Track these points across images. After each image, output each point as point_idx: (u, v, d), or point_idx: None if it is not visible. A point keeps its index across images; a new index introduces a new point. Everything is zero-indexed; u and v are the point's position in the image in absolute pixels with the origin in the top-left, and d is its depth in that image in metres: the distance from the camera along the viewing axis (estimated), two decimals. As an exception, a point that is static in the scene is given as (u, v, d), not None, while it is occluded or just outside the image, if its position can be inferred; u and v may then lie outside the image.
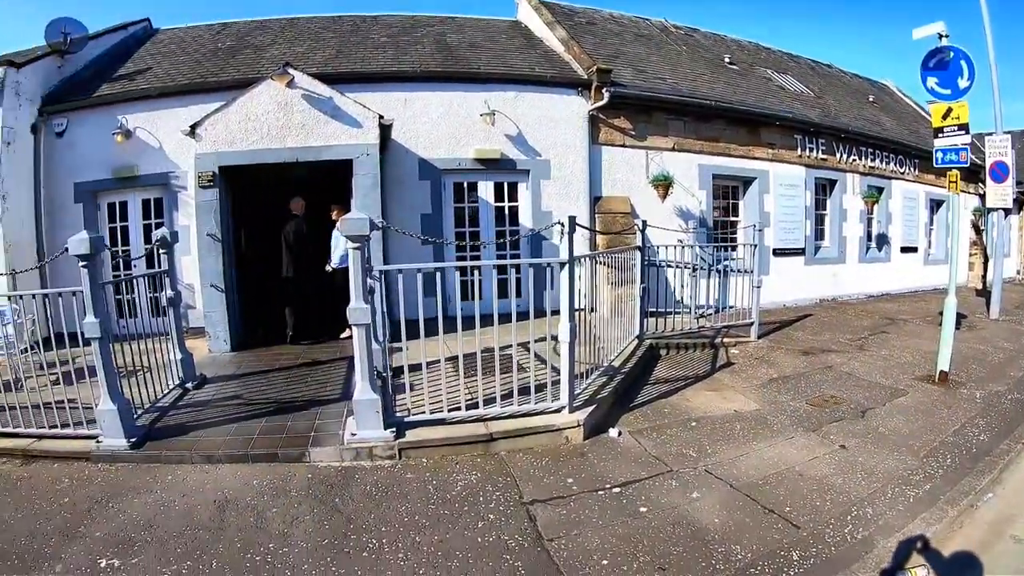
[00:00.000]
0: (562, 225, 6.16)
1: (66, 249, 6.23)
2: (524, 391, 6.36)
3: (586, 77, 12.85)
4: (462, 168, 12.36)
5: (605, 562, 4.16)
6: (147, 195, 12.53)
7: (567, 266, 6.16)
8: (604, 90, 12.51)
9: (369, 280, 5.80)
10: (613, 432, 6.41)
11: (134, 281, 7.83)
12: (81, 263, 6.15)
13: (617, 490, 5.18)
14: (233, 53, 14.09)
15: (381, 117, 9.94)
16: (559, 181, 12.72)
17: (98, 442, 6.43)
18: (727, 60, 18.86)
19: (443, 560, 4.20)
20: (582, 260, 7.51)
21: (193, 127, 9.96)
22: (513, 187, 12.81)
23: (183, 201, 12.06)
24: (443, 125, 12.20)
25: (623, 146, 13.26)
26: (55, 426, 6.73)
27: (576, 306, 6.46)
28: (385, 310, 6.10)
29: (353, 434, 5.95)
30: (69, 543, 4.92)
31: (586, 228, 11.52)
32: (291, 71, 9.89)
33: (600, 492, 5.15)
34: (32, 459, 6.60)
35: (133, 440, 6.35)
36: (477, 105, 12.14)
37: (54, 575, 4.49)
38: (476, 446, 5.96)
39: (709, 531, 4.51)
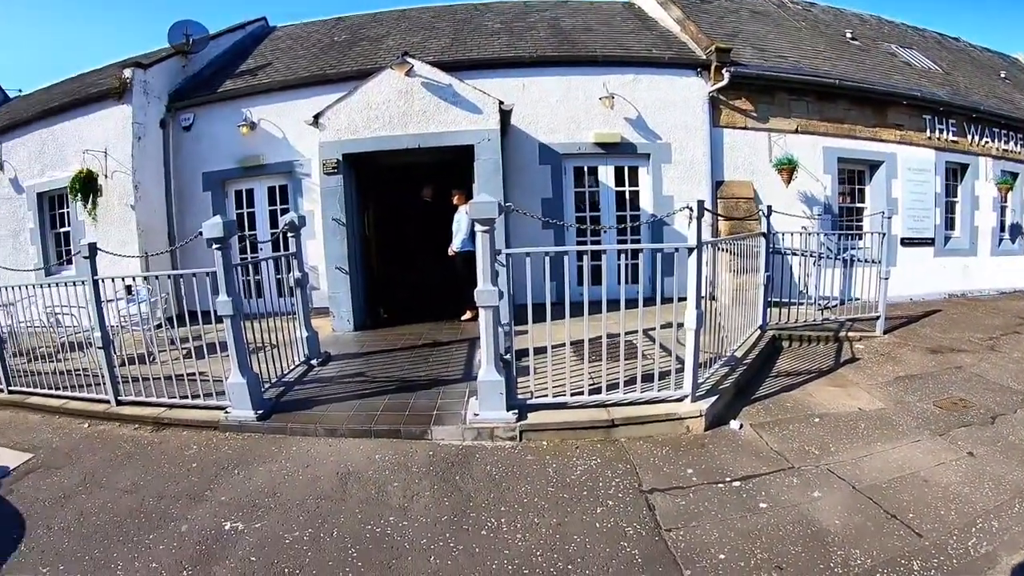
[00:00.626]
0: (690, 209, 6.00)
1: (200, 233, 6.47)
2: (646, 378, 6.25)
3: (705, 57, 12.43)
4: (582, 152, 12.21)
5: (722, 556, 4.05)
6: (272, 182, 13.14)
7: (695, 251, 5.97)
8: (724, 70, 12.08)
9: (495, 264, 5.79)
10: (734, 424, 6.23)
11: (262, 263, 8.10)
12: (215, 246, 6.45)
13: (737, 484, 5.02)
14: (350, 46, 14.38)
15: (501, 103, 9.95)
16: (680, 165, 12.38)
17: (226, 413, 6.83)
18: (849, 35, 17.94)
19: (560, 543, 4.18)
20: (708, 246, 7.30)
21: (317, 117, 10.31)
22: (633, 171, 12.53)
23: (307, 187, 12.55)
24: (562, 109, 12.09)
25: (745, 128, 12.78)
26: (185, 396, 7.22)
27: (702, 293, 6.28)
28: (512, 293, 6.05)
29: (476, 414, 6.00)
30: (195, 505, 5.22)
31: (714, 213, 11.33)
32: (410, 60, 10.04)
33: (720, 485, 5.00)
34: (163, 426, 7.13)
35: (260, 412, 6.67)
36: (595, 89, 11.97)
37: (179, 534, 4.77)
38: (596, 431, 5.89)
39: (829, 532, 4.32)
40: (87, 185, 13.09)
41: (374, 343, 9.63)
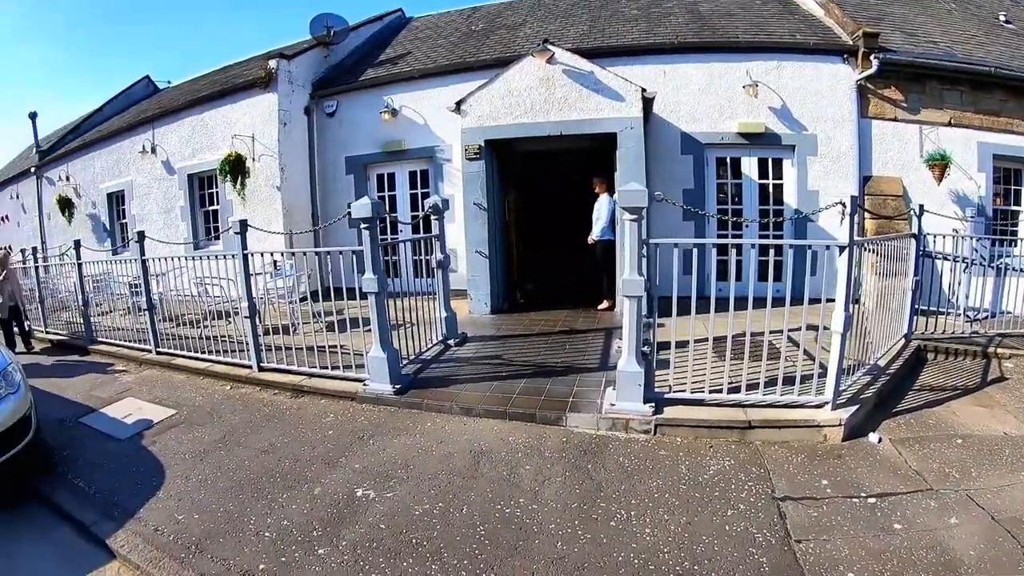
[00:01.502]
0: (843, 205, 5.75)
1: (349, 213, 6.68)
2: (785, 381, 5.96)
3: (851, 43, 11.72)
4: (725, 143, 11.81)
5: (851, 575, 3.84)
6: (413, 167, 13.53)
7: (847, 250, 5.70)
8: (872, 57, 11.32)
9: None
10: (873, 437, 5.84)
11: (402, 244, 8.34)
12: (363, 225, 6.72)
13: (872, 500, 4.71)
14: (487, 34, 14.51)
15: (643, 90, 9.79)
16: (826, 158, 11.73)
17: (365, 385, 7.11)
18: (1002, 18, 16.21)
19: (688, 542, 4.08)
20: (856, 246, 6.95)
21: (459, 103, 10.52)
22: (777, 163, 11.99)
23: (448, 172, 12.82)
24: (704, 98, 11.75)
25: (894, 120, 11.92)
26: (325, 367, 7.60)
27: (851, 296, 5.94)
28: (656, 284, 5.95)
29: (612, 404, 5.93)
30: (329, 470, 5.45)
31: (866, 211, 10.81)
32: (551, 47, 10.02)
33: (854, 500, 4.71)
34: (302, 394, 7.54)
35: (397, 387, 6.89)
36: (739, 76, 11.56)
37: (312, 496, 4.99)
38: (732, 432, 5.70)
39: (963, 563, 3.97)
40: (236, 167, 14.01)
41: (510, 327, 9.77)
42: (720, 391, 5.97)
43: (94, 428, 7.37)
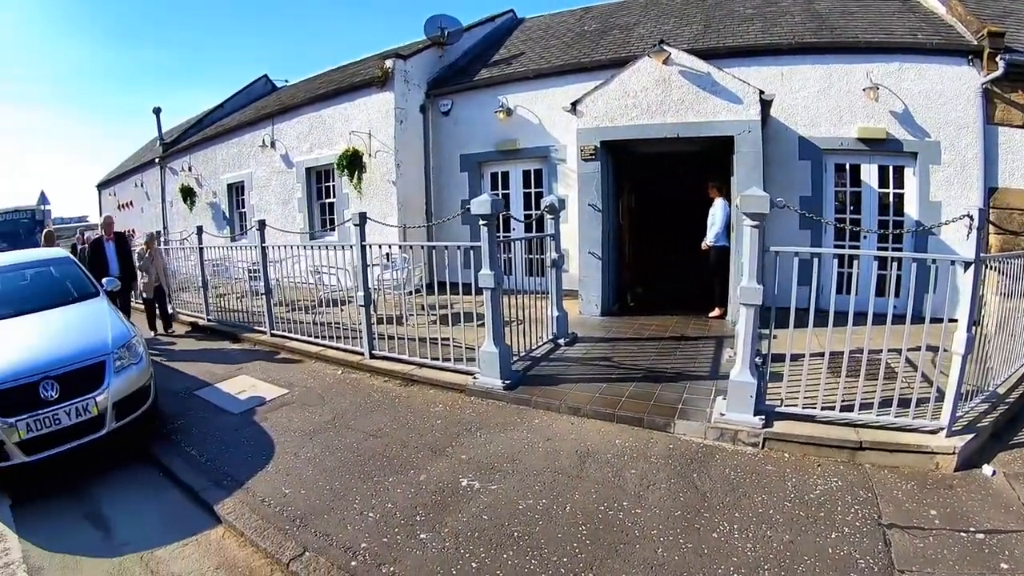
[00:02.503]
0: (970, 219, 5.46)
1: (468, 208, 6.81)
2: (899, 403, 5.59)
3: (975, 43, 10.74)
4: (844, 148, 11.14)
5: None
6: (527, 166, 13.56)
7: (972, 267, 5.40)
8: (998, 58, 10.32)
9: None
10: (987, 469, 5.36)
11: (515, 242, 8.41)
12: (482, 221, 6.81)
13: (981, 536, 4.37)
14: (601, 35, 14.43)
15: (761, 92, 9.52)
16: (950, 167, 10.86)
17: (474, 378, 7.19)
18: None
19: (789, 562, 3.92)
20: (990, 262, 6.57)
21: (575, 104, 10.46)
22: (898, 171, 11.20)
23: (562, 173, 12.77)
24: (822, 100, 11.18)
25: (1023, 127, 10.88)
26: (436, 359, 7.72)
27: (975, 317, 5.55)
28: (775, 293, 5.84)
29: (722, 414, 5.79)
30: (436, 458, 5.53)
31: (991, 224, 10.13)
32: (667, 48, 9.84)
33: (962, 534, 4.38)
34: (412, 383, 7.71)
35: (507, 382, 6.93)
36: (858, 78, 10.91)
37: (418, 482, 5.08)
38: (841, 451, 5.43)
39: None
40: (353, 162, 14.48)
41: (620, 330, 9.67)
42: (832, 408, 5.72)
43: (208, 401, 7.80)
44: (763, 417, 5.64)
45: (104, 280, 8.73)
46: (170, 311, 12.46)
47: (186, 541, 4.85)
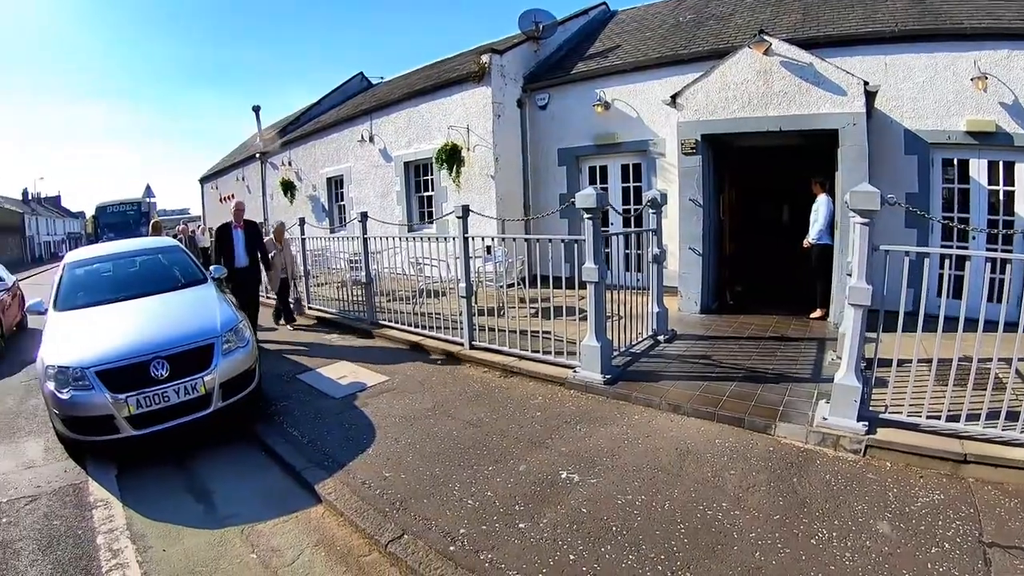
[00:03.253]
0: None
1: (571, 202, 6.84)
2: (1008, 416, 5.20)
3: None
4: (952, 143, 10.44)
5: None
6: (625, 160, 13.42)
7: None
8: None
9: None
10: None
11: (616, 237, 8.38)
12: (586, 215, 6.81)
13: None
14: (697, 25, 14.17)
15: (866, 83, 9.13)
16: None
17: (575, 372, 7.19)
18: None
19: (887, 575, 3.78)
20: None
21: (674, 97, 10.28)
22: (1009, 167, 10.32)
23: (661, 167, 12.58)
24: (928, 91, 10.48)
25: None
26: (536, 351, 7.77)
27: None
28: (884, 295, 5.64)
29: (824, 418, 5.60)
30: (535, 449, 5.56)
31: None
32: (767, 38, 9.55)
33: None
34: (511, 374, 7.77)
35: (608, 377, 6.90)
36: (965, 67, 10.19)
37: (517, 472, 5.12)
38: (945, 463, 5.14)
39: None
40: (451, 156, 14.68)
41: (719, 328, 9.52)
42: (937, 418, 5.42)
43: (310, 385, 8.07)
44: (866, 423, 5.46)
45: (212, 268, 9.12)
46: (290, 303, 12.36)
47: (286, 518, 5.05)
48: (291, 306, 12.23)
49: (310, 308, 12.74)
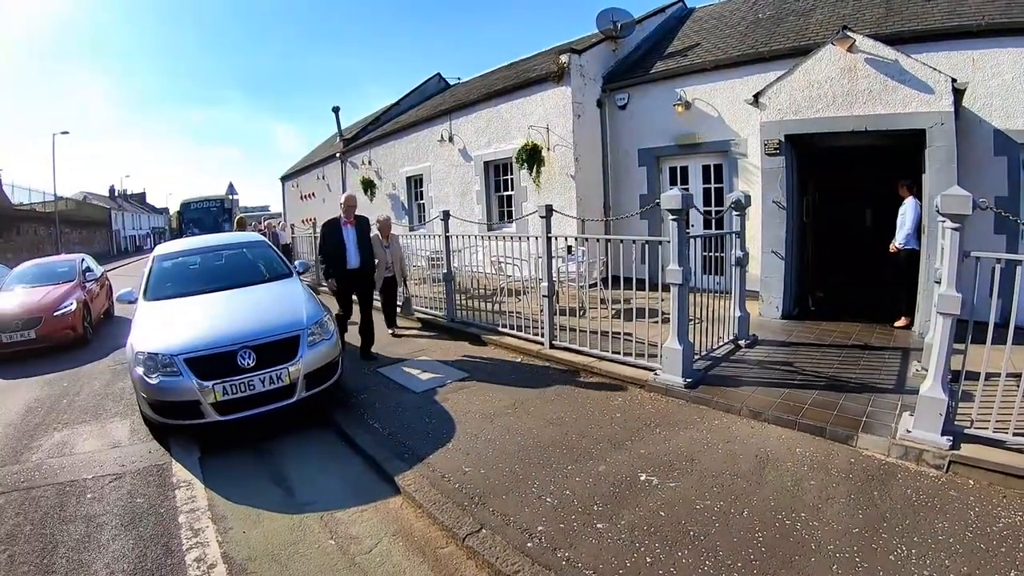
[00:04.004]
0: None
1: (656, 203, 6.84)
2: None
3: None
4: None
5: None
6: (707, 161, 13.20)
7: None
8: None
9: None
10: None
11: (697, 239, 8.35)
12: (671, 217, 6.76)
13: None
14: (777, 22, 13.86)
15: (954, 80, 8.80)
16: None
17: (655, 374, 7.15)
18: None
19: None
20: None
21: (756, 96, 10.12)
22: None
23: (742, 168, 12.32)
24: (1018, 89, 9.76)
25: None
26: (616, 352, 7.77)
27: None
28: (973, 304, 5.43)
29: (908, 431, 5.40)
30: (614, 450, 5.57)
31: None
32: (851, 34, 9.30)
33: None
34: (591, 374, 7.79)
35: (688, 380, 6.86)
36: None
37: (596, 472, 5.14)
38: None
39: None
40: (532, 156, 14.77)
41: (801, 334, 9.31)
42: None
43: (390, 379, 8.27)
44: (950, 438, 5.25)
45: (296, 263, 9.44)
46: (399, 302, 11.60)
47: (365, 507, 5.20)
48: (396, 311, 11.51)
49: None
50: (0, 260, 28.12)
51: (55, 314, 12.27)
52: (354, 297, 9.65)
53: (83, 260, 15.78)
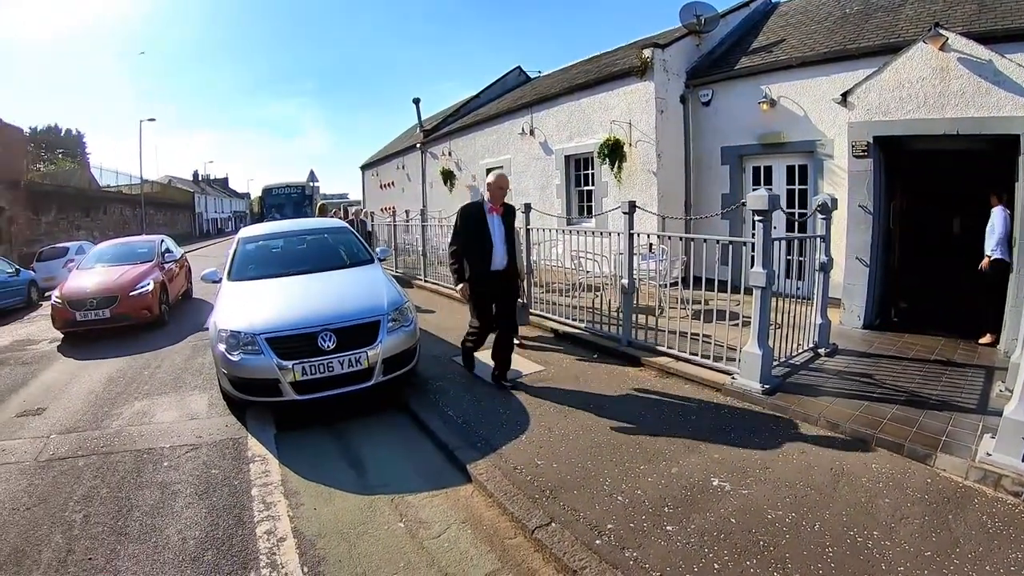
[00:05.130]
0: None
1: (742, 203, 6.77)
2: None
3: None
4: None
5: None
6: (791, 161, 12.88)
7: None
8: None
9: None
10: None
11: (779, 242, 8.12)
12: (757, 217, 6.67)
13: None
14: (865, 18, 13.39)
15: None
16: None
17: (733, 378, 7.08)
18: None
19: None
20: None
21: (845, 95, 9.82)
22: None
23: (828, 169, 11.98)
24: None
25: None
26: (695, 354, 7.72)
27: None
28: None
29: (988, 454, 5.18)
30: (688, 453, 5.58)
31: None
32: (943, 32, 8.87)
33: None
34: (667, 375, 7.76)
35: (766, 387, 6.75)
36: None
37: (669, 474, 5.16)
38: None
39: None
40: (613, 151, 14.73)
41: (882, 345, 9.00)
42: None
43: (466, 368, 8.36)
44: None
45: (378, 249, 9.61)
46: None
47: (435, 492, 5.33)
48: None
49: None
50: (87, 238, 29.48)
51: (132, 294, 12.57)
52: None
53: (163, 241, 16.21)
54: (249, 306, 7.35)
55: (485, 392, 7.44)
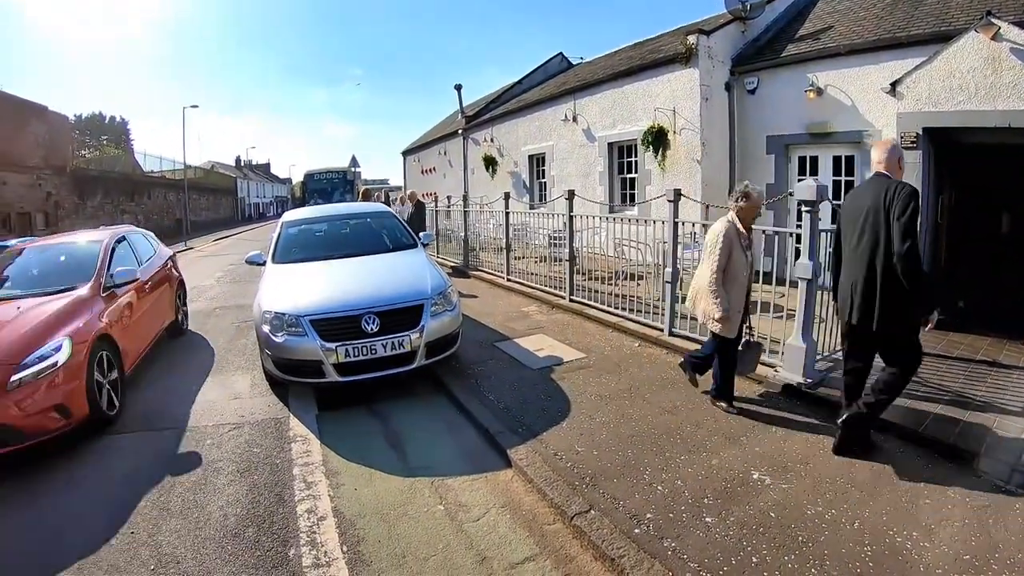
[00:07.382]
0: None
1: (790, 194, 6.65)
2: None
3: None
4: None
5: None
6: (838, 151, 12.57)
7: None
8: None
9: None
10: None
11: (823, 234, 8.01)
12: (805, 208, 6.57)
13: None
14: (915, 4, 13.01)
15: None
16: None
17: (775, 371, 6.99)
18: None
19: None
20: None
21: (894, 85, 9.71)
22: None
23: None
24: None
25: None
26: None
27: None
28: None
29: None
30: (729, 445, 5.55)
31: None
32: (995, 21, 8.69)
33: None
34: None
35: (809, 381, 6.60)
36: None
37: (709, 466, 5.17)
38: None
39: None
40: (657, 139, 14.62)
41: (926, 343, 8.08)
42: None
43: (507, 354, 8.46)
44: None
45: (421, 234, 9.68)
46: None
47: (475, 476, 5.39)
48: None
49: (513, 281, 13.16)
50: (131, 221, 30.06)
51: (15, 378, 5.55)
52: None
53: (121, 240, 9.26)
54: (293, 288, 7.47)
55: (526, 379, 7.46)
